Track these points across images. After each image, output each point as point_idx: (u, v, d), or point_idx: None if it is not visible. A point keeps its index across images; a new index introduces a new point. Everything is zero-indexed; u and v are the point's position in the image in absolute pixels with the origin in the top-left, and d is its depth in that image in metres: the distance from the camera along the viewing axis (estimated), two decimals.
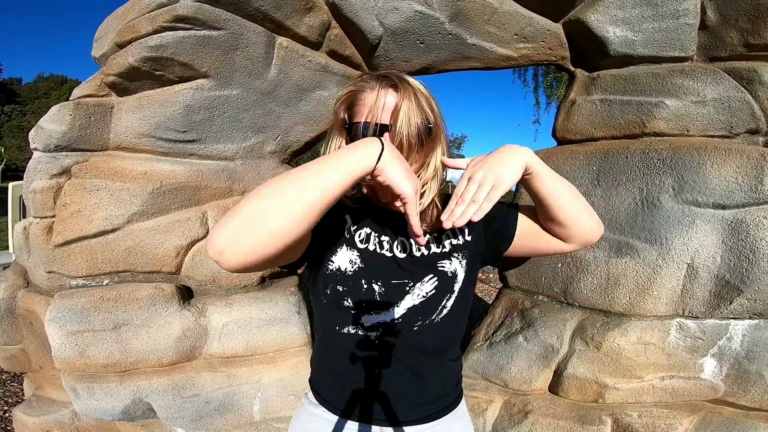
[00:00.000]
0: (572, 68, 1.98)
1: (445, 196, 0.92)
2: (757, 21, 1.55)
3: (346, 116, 0.85)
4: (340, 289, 0.84)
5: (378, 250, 0.86)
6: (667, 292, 1.64)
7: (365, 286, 0.84)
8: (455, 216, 0.74)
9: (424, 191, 0.85)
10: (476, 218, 0.73)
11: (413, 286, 0.85)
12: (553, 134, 2.04)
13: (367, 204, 0.91)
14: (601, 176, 1.76)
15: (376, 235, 0.88)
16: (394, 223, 0.89)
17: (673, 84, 1.69)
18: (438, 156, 0.85)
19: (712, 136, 1.69)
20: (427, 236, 0.89)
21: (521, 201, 1.99)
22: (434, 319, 0.86)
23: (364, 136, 0.78)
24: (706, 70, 1.67)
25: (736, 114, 1.64)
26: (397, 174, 0.68)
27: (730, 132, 1.67)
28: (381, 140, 0.70)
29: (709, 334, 1.61)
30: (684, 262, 1.61)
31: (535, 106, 12.25)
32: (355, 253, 0.85)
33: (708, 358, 1.63)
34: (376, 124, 0.79)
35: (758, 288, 1.52)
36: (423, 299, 0.86)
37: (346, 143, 0.84)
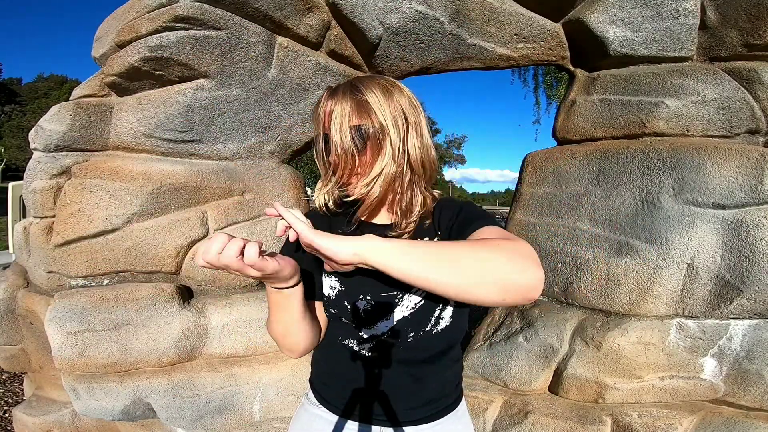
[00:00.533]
0: (572, 68, 1.98)
1: (445, 200, 0.90)
2: (757, 21, 1.55)
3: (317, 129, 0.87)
4: (334, 312, 0.88)
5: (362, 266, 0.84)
6: (667, 292, 1.63)
7: (349, 306, 0.85)
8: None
9: (372, 193, 0.80)
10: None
11: (402, 297, 0.84)
12: (553, 134, 2.04)
13: (352, 219, 0.88)
14: (601, 176, 1.76)
15: None
16: (372, 233, 0.87)
17: (673, 84, 1.69)
18: (384, 162, 0.79)
19: (712, 136, 1.69)
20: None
21: (518, 206, 1.99)
22: (430, 330, 0.85)
23: (316, 146, 0.82)
24: (706, 70, 1.67)
25: (736, 114, 1.64)
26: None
27: (730, 132, 1.67)
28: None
29: (709, 334, 1.61)
30: (684, 262, 1.61)
31: (535, 106, 12.26)
32: (332, 278, 0.87)
33: (708, 358, 1.63)
34: (322, 134, 0.81)
35: (758, 288, 1.52)
36: (412, 311, 0.84)
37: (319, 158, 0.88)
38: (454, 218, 0.84)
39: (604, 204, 1.74)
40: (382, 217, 0.90)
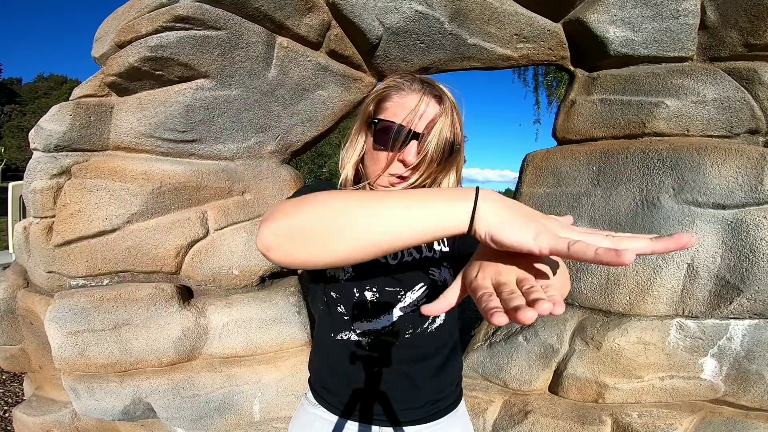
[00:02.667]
0: (572, 68, 1.98)
1: None
2: (757, 21, 1.55)
3: (372, 110, 0.81)
4: (334, 296, 0.85)
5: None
6: (667, 292, 1.63)
7: (357, 294, 0.84)
8: None
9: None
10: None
11: (404, 294, 0.85)
12: (553, 134, 2.04)
13: None
14: (601, 176, 1.76)
15: None
16: None
17: (673, 84, 1.69)
18: (452, 176, 0.83)
19: (712, 136, 1.69)
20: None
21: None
22: (427, 328, 0.86)
23: (395, 138, 0.76)
24: (706, 70, 1.67)
25: (736, 114, 1.64)
26: (509, 228, 0.46)
27: (730, 132, 1.67)
28: (476, 191, 0.50)
29: (709, 334, 1.61)
30: (684, 262, 1.61)
31: (535, 106, 12.25)
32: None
33: (708, 358, 1.63)
34: (410, 131, 0.76)
35: (758, 288, 1.52)
36: (414, 308, 0.85)
37: (366, 140, 0.82)
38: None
39: (604, 204, 1.74)
40: None
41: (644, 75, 1.74)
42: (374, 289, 0.84)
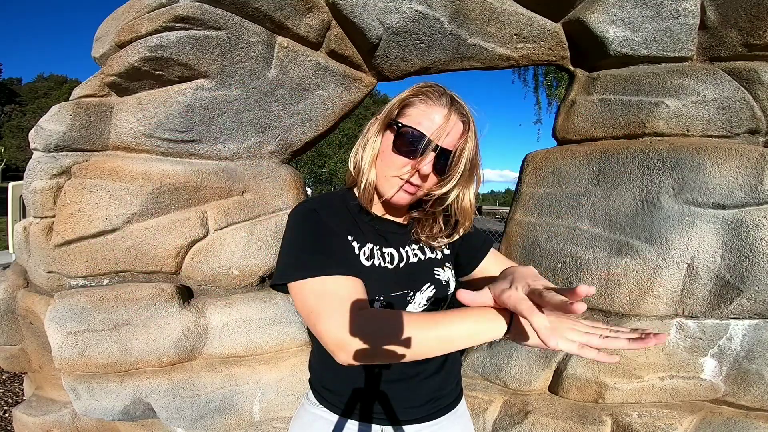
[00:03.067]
0: (572, 68, 1.98)
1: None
2: (757, 21, 1.55)
3: (396, 114, 0.83)
4: None
5: (381, 264, 0.86)
6: (667, 292, 1.63)
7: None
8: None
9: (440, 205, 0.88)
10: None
11: (413, 295, 0.86)
12: (553, 134, 2.04)
13: (363, 214, 0.90)
14: (601, 176, 1.76)
15: (378, 248, 0.88)
16: (392, 232, 0.90)
17: (673, 84, 1.69)
18: (470, 193, 0.86)
19: (712, 136, 1.69)
20: (420, 243, 0.93)
21: (518, 206, 1.99)
22: None
23: (417, 147, 0.79)
24: (706, 70, 1.67)
25: (736, 114, 1.64)
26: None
27: (730, 132, 1.67)
28: (506, 322, 0.67)
29: (709, 334, 1.61)
30: (684, 262, 1.61)
31: (535, 106, 12.27)
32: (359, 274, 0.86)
33: (708, 358, 1.63)
34: (437, 146, 0.79)
35: (758, 288, 1.52)
36: (425, 307, 0.86)
37: (387, 141, 0.83)
38: (474, 243, 1.00)
39: (604, 204, 1.74)
40: (399, 217, 0.94)
41: (644, 75, 1.74)
42: (381, 299, 0.84)
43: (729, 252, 1.56)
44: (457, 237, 0.94)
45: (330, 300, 0.71)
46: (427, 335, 0.66)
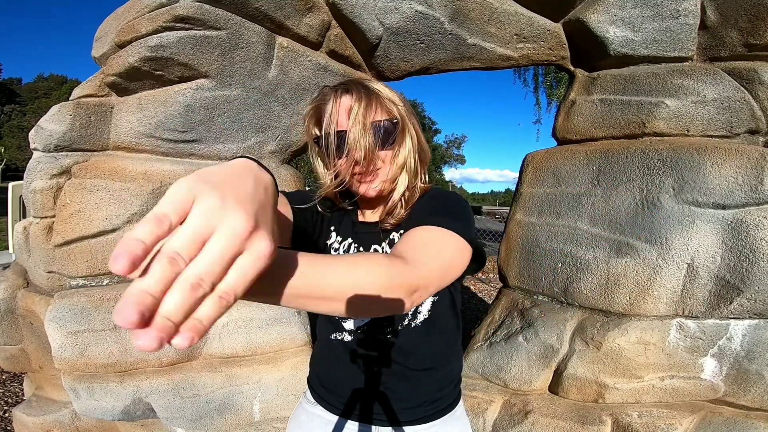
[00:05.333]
0: (572, 68, 1.98)
1: (435, 189, 0.89)
2: (757, 21, 1.55)
3: (315, 130, 0.84)
4: None
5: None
6: (667, 292, 1.63)
7: None
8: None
9: (394, 188, 0.82)
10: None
11: None
12: (553, 134, 2.04)
13: (337, 210, 0.91)
14: (601, 176, 1.76)
15: (351, 242, 0.89)
16: (366, 232, 0.89)
17: (673, 84, 1.69)
18: (407, 150, 0.81)
19: (712, 136, 1.69)
20: (394, 233, 0.87)
21: (518, 206, 1.99)
22: (409, 324, 0.86)
23: (327, 146, 0.77)
24: (706, 70, 1.67)
25: (736, 114, 1.64)
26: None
27: (730, 132, 1.67)
28: None
29: (709, 334, 1.61)
30: (684, 262, 1.61)
31: (535, 106, 12.28)
32: None
33: (708, 358, 1.63)
34: (336, 132, 0.77)
35: (758, 288, 1.52)
36: None
37: (320, 158, 0.85)
38: (422, 209, 0.82)
39: (604, 204, 1.74)
40: (373, 215, 0.90)
41: (644, 75, 1.74)
42: None
43: (729, 252, 1.56)
44: (411, 205, 0.85)
45: None
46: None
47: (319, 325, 0.96)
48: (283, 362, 1.83)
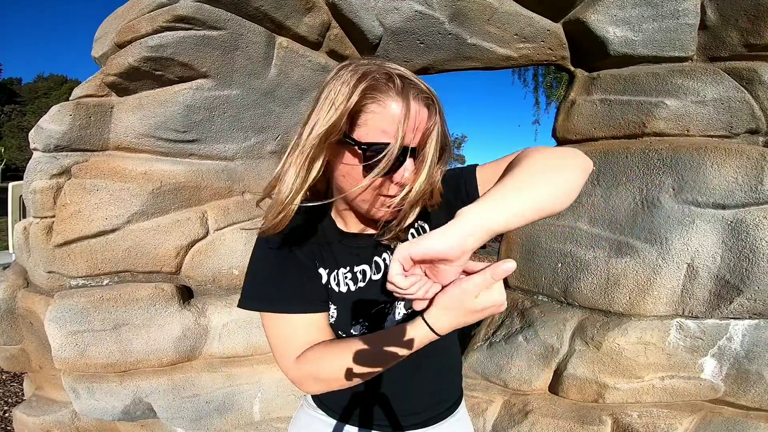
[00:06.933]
0: (572, 68, 1.98)
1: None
2: (757, 21, 1.55)
3: (347, 127, 0.64)
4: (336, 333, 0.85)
5: (351, 287, 0.81)
6: (667, 292, 1.63)
7: (343, 335, 0.81)
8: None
9: (408, 211, 0.73)
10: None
11: (390, 305, 0.81)
12: (553, 134, 2.04)
13: (332, 232, 0.82)
14: (601, 176, 1.76)
15: (349, 269, 0.81)
16: (363, 246, 0.81)
17: (673, 84, 1.69)
18: (439, 173, 0.73)
19: (712, 136, 1.69)
20: (392, 246, 0.79)
21: None
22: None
23: (390, 161, 0.62)
24: (706, 70, 1.67)
25: (736, 114, 1.64)
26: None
27: (730, 132, 1.67)
28: (423, 319, 0.63)
29: (709, 334, 1.61)
30: (684, 262, 1.61)
31: (535, 106, 12.26)
32: (332, 306, 0.81)
33: (708, 358, 1.63)
34: (405, 147, 0.62)
35: (758, 288, 1.52)
36: (405, 315, 0.82)
37: (337, 158, 0.67)
38: (463, 183, 0.77)
39: (604, 204, 1.74)
40: (359, 223, 0.81)
41: (644, 75, 1.74)
42: (361, 320, 0.81)
43: (729, 252, 1.56)
44: (432, 209, 0.77)
45: (283, 339, 0.75)
46: (368, 357, 0.68)
47: None
48: None
